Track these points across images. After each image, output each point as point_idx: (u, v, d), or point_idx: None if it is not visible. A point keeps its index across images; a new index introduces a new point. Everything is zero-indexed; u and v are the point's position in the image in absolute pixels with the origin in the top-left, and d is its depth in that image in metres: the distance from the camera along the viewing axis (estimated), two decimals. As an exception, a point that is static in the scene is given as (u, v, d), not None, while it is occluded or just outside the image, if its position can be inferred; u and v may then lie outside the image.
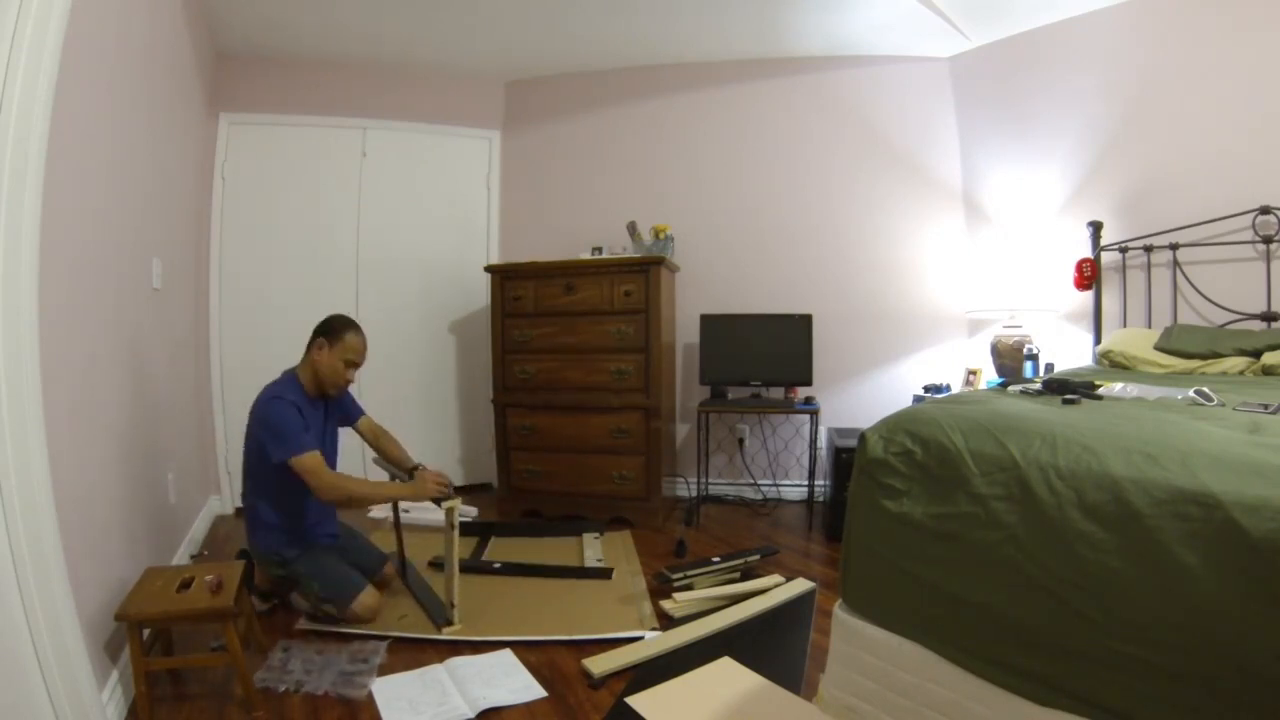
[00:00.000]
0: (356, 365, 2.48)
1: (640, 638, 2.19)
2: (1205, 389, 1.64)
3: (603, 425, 3.53)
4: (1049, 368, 3.23)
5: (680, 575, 2.54)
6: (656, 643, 2.15)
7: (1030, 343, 3.31)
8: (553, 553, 3.05)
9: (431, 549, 2.87)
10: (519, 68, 4.20)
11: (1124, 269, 3.20)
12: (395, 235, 4.07)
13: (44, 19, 1.45)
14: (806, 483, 3.86)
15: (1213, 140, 2.95)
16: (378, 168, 4.04)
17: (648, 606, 2.44)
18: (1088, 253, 3.27)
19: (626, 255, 3.69)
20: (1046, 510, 1.17)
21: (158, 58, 2.63)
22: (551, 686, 1.93)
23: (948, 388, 3.54)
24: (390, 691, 1.89)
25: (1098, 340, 3.20)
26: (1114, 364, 2.74)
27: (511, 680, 1.95)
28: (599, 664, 2.00)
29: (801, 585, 2.60)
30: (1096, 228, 3.25)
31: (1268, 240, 2.78)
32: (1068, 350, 3.40)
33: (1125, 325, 3.17)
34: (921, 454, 1.42)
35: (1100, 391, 1.76)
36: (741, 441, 4.07)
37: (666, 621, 2.34)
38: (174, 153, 3.03)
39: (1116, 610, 1.06)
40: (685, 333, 4.03)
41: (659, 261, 3.49)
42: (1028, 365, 3.24)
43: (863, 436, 1.54)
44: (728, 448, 4.11)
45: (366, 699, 1.86)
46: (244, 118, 3.78)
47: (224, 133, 3.73)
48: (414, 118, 4.11)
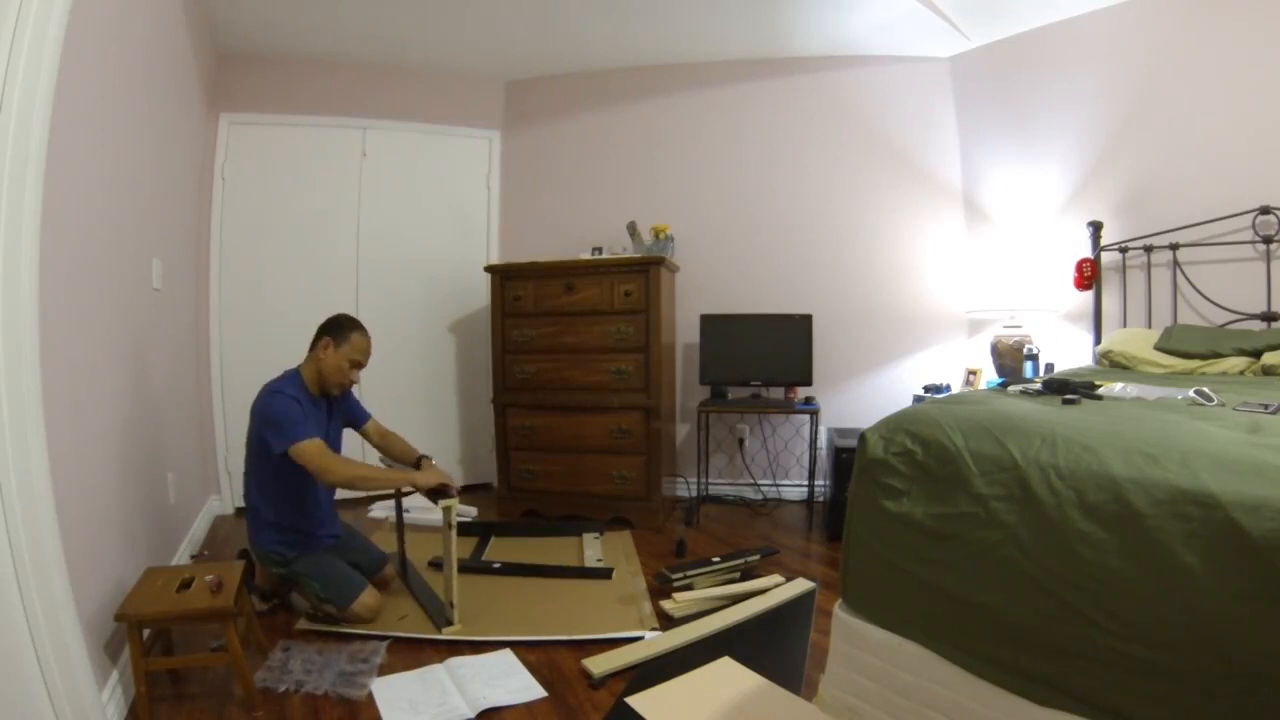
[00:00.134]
0: (361, 365, 2.48)
1: (640, 638, 2.19)
2: (1205, 389, 1.64)
3: (603, 425, 3.53)
4: (1049, 368, 3.23)
5: (680, 575, 2.54)
6: (656, 643, 2.15)
7: (1030, 343, 3.32)
8: (553, 553, 3.05)
9: (431, 549, 2.87)
10: (519, 68, 4.20)
11: (1124, 269, 3.20)
12: (395, 235, 4.07)
13: (44, 19, 1.45)
14: (806, 483, 3.87)
15: (1213, 140, 2.95)
16: (378, 168, 4.04)
17: (648, 606, 2.44)
18: (1088, 253, 3.27)
19: (626, 255, 3.68)
20: (1047, 510, 1.17)
21: (158, 58, 2.63)
22: (551, 686, 1.93)
23: (948, 388, 3.53)
24: (390, 691, 1.89)
25: (1098, 340, 3.20)
26: (1114, 364, 2.74)
27: (511, 680, 1.96)
28: (599, 664, 2.00)
29: (801, 585, 2.60)
30: (1096, 228, 3.25)
31: (1268, 240, 2.78)
32: (1068, 350, 3.40)
33: (1125, 325, 3.17)
34: (922, 454, 1.42)
35: (1100, 392, 1.76)
36: (741, 441, 4.07)
37: (666, 621, 2.34)
38: (174, 153, 3.03)
39: (1116, 610, 1.06)
40: (685, 333, 4.03)
41: (659, 261, 3.49)
42: (1028, 365, 3.24)
43: (863, 436, 1.54)
44: (728, 448, 4.10)
45: (366, 699, 1.86)
46: (244, 118, 3.78)
47: (224, 133, 3.73)
48: (414, 118, 4.11)
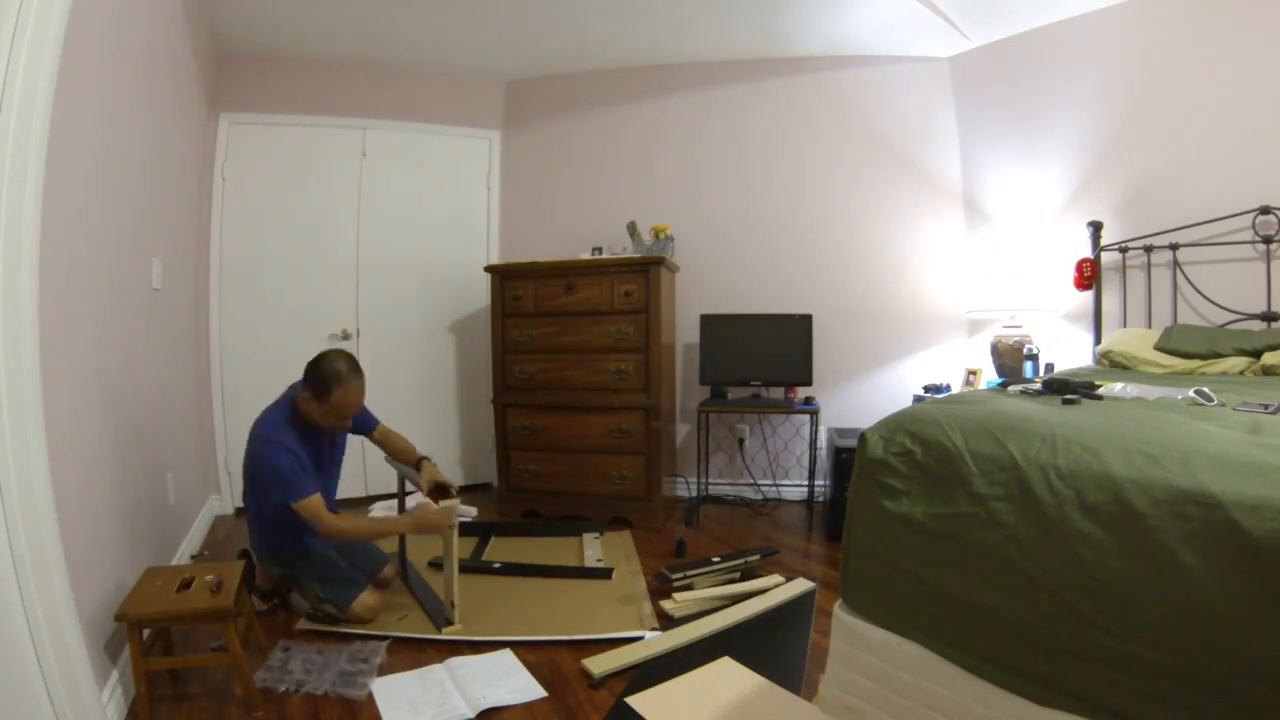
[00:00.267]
0: (348, 415, 2.36)
1: (640, 638, 2.19)
2: (1205, 389, 1.64)
3: (603, 425, 3.53)
4: (1049, 368, 3.22)
5: (680, 575, 2.54)
6: (656, 643, 2.15)
7: (1030, 343, 3.31)
8: (553, 553, 3.05)
9: (431, 549, 2.86)
10: (519, 68, 4.20)
11: (1124, 269, 3.20)
12: (395, 235, 4.07)
13: (44, 19, 1.45)
14: (806, 483, 3.87)
15: (1213, 140, 2.95)
16: (378, 168, 4.04)
17: (648, 606, 2.44)
18: (1088, 253, 3.27)
19: (626, 255, 3.68)
20: (1047, 510, 1.17)
21: (158, 58, 2.63)
22: (551, 686, 1.93)
23: (948, 388, 3.53)
24: (390, 691, 1.89)
25: (1098, 340, 3.20)
26: (1114, 364, 2.74)
27: (511, 680, 1.96)
28: (599, 664, 2.00)
29: (801, 585, 2.60)
30: (1096, 228, 3.25)
31: (1268, 240, 2.78)
32: (1068, 350, 3.40)
33: (1125, 325, 3.17)
34: (922, 454, 1.42)
35: (1100, 392, 1.76)
36: (741, 441, 4.07)
37: (666, 621, 2.34)
38: (174, 153, 3.03)
39: (1116, 610, 1.06)
40: (685, 333, 4.03)
41: (659, 261, 3.49)
42: (1028, 365, 3.24)
43: (863, 436, 1.54)
44: (728, 448, 4.10)
45: (366, 699, 1.86)
46: (244, 118, 3.78)
47: (224, 133, 3.73)
48: (414, 118, 4.11)
